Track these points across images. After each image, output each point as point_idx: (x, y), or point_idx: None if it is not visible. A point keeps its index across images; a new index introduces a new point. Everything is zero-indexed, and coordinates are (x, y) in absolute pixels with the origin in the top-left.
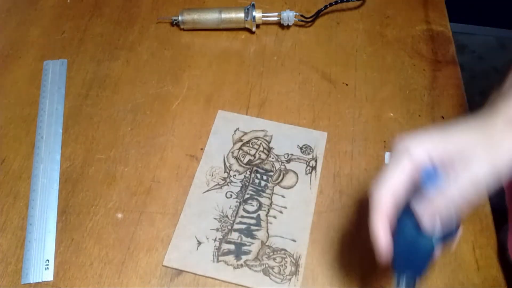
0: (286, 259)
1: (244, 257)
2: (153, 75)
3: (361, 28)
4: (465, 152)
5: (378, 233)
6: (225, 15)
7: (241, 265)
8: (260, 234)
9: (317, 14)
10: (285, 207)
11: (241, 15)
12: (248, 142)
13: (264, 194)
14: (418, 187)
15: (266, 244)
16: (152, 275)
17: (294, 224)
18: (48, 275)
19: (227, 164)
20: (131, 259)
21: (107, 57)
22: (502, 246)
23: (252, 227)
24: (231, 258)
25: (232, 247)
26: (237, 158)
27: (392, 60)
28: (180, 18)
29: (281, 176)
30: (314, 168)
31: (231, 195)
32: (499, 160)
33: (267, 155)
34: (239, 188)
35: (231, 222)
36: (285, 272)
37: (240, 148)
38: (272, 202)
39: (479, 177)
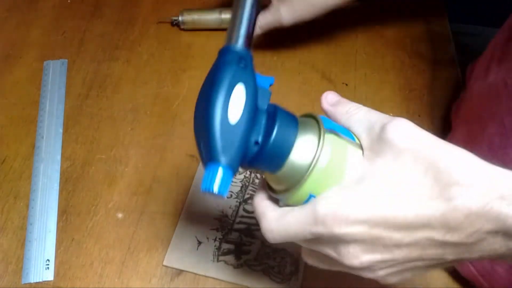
0: (286, 259)
1: (244, 257)
2: (153, 75)
3: (361, 28)
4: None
5: None
6: (225, 16)
7: (241, 265)
8: (260, 234)
9: None
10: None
11: None
12: None
13: None
14: None
15: (266, 244)
16: (152, 275)
17: None
18: (48, 275)
19: None
20: (131, 259)
21: (108, 57)
22: None
23: (252, 227)
24: (231, 258)
25: (232, 246)
26: None
27: (392, 60)
28: (180, 18)
29: None
30: None
31: (231, 195)
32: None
33: None
34: (239, 188)
35: (231, 222)
36: (285, 272)
37: None
38: None
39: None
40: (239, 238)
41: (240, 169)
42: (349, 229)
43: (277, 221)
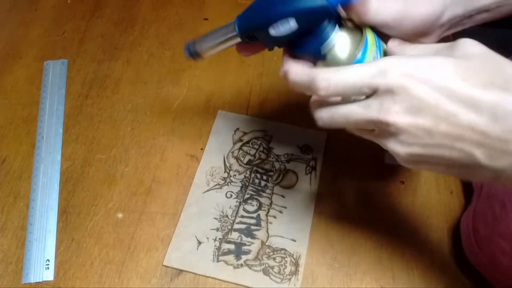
0: (286, 259)
1: (244, 257)
2: (153, 75)
3: None
4: None
5: None
6: None
7: (241, 265)
8: (260, 234)
9: None
10: (285, 207)
11: None
12: (248, 142)
13: (264, 194)
14: None
15: (266, 244)
16: (152, 275)
17: (294, 224)
18: (48, 275)
19: (227, 164)
20: (131, 259)
21: (108, 57)
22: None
23: (252, 227)
24: (231, 258)
25: (232, 247)
26: (237, 158)
27: None
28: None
29: (281, 176)
30: (314, 168)
31: (231, 195)
32: None
33: (267, 155)
34: (239, 188)
35: (231, 222)
36: (285, 272)
37: (240, 148)
38: (272, 202)
39: None
40: (239, 238)
41: (240, 169)
42: (407, 82)
43: (335, 72)
